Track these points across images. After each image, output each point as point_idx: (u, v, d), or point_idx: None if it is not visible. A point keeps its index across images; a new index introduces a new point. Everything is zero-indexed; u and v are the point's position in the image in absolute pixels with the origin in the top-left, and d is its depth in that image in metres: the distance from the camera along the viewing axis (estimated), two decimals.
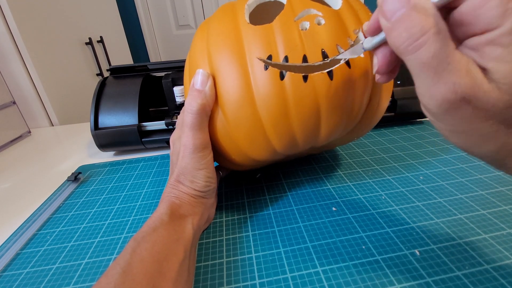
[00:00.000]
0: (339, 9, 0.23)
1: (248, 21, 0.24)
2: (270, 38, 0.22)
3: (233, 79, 0.22)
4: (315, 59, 0.21)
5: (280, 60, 0.21)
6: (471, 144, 0.14)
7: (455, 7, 0.13)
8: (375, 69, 0.18)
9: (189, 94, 0.24)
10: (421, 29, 0.12)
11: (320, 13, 0.22)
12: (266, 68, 0.22)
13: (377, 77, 0.19)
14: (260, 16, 0.27)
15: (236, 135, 0.24)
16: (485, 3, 0.12)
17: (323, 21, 0.22)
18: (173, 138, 0.29)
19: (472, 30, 0.13)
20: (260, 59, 0.22)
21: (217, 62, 0.23)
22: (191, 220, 0.24)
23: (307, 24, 0.22)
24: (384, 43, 0.17)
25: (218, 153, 0.27)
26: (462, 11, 0.13)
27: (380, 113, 0.27)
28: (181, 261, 0.20)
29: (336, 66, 0.21)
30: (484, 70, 0.12)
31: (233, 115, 0.23)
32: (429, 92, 0.13)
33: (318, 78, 0.21)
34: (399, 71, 0.18)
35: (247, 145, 0.24)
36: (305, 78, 0.21)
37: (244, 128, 0.23)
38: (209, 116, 0.25)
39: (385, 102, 0.27)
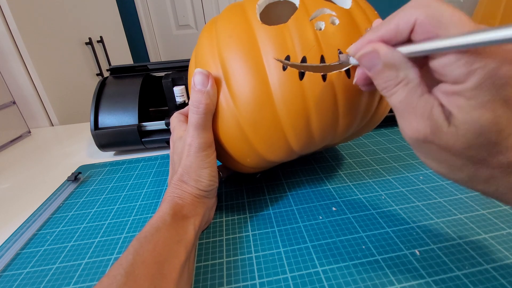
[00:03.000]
0: (350, 8, 0.23)
1: (260, 21, 0.23)
2: (287, 38, 0.22)
3: (250, 80, 0.22)
4: (332, 59, 0.21)
5: (298, 60, 0.21)
6: (444, 171, 0.17)
7: (432, 57, 0.15)
8: (354, 80, 0.20)
9: (192, 94, 0.24)
10: (394, 82, 0.16)
11: (334, 13, 0.22)
12: (284, 69, 0.21)
13: (360, 86, 0.20)
14: (265, 16, 0.27)
15: (253, 137, 0.24)
16: (453, 62, 0.13)
17: (337, 21, 0.22)
18: (173, 138, 0.29)
19: (444, 79, 0.14)
20: (278, 60, 0.22)
21: (231, 64, 0.23)
22: (193, 221, 0.24)
23: (322, 24, 0.22)
24: None
25: (229, 156, 0.27)
26: (435, 64, 0.14)
27: (387, 109, 0.27)
28: (182, 263, 0.20)
29: (352, 64, 0.21)
30: (449, 113, 0.14)
31: (251, 117, 0.23)
32: (401, 128, 0.16)
33: (336, 77, 0.21)
34: None
35: (264, 147, 0.24)
36: (324, 77, 0.21)
37: (262, 129, 0.23)
38: (212, 114, 0.25)
39: None
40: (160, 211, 0.23)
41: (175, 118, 0.29)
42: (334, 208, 0.29)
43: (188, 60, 0.48)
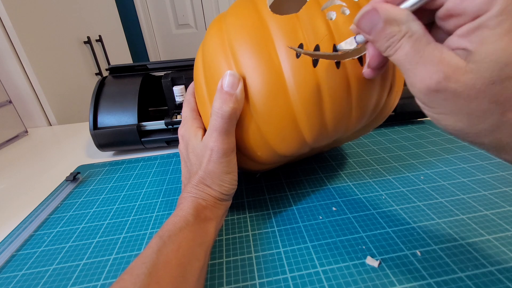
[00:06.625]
0: (359, 0, 0.24)
1: (271, 11, 0.23)
2: (299, 27, 0.22)
3: (264, 69, 0.22)
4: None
5: (311, 49, 0.22)
6: (463, 125, 0.15)
7: (439, 6, 0.14)
8: (367, 61, 0.19)
9: (218, 96, 0.23)
10: (397, 37, 0.15)
11: (344, 4, 0.23)
12: (298, 56, 0.22)
13: (365, 70, 0.20)
14: (275, 11, 0.27)
15: (265, 128, 0.24)
16: None
17: (347, 11, 0.22)
18: (181, 132, 0.28)
19: (462, 20, 0.14)
20: (291, 48, 0.22)
21: (243, 53, 0.23)
22: (215, 224, 0.23)
23: (333, 14, 0.22)
24: None
25: (239, 151, 0.26)
26: (449, 7, 0.14)
27: (395, 103, 0.27)
28: (201, 266, 0.20)
29: (365, 52, 0.22)
30: (467, 53, 0.13)
31: (264, 107, 0.23)
32: (411, 83, 0.15)
33: (350, 64, 0.22)
34: None
35: (277, 138, 0.24)
36: (337, 64, 0.21)
37: (275, 119, 0.23)
38: (237, 120, 0.24)
39: (399, 93, 0.27)
40: (182, 210, 0.23)
41: (189, 110, 0.28)
42: (334, 208, 0.29)
43: (187, 60, 0.48)
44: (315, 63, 0.21)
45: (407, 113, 0.46)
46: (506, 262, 0.22)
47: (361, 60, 0.22)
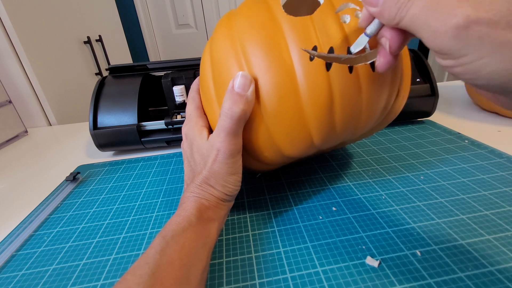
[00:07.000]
0: None
1: (284, 12, 0.23)
2: (313, 29, 0.22)
3: (276, 70, 0.22)
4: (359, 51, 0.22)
5: (325, 51, 0.22)
6: (509, 65, 0.13)
7: None
8: (386, 46, 0.18)
9: (229, 97, 0.22)
10: None
11: (358, 8, 0.22)
12: (311, 59, 0.22)
13: (379, 61, 0.19)
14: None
15: (275, 129, 0.24)
16: None
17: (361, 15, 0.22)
18: (185, 130, 0.28)
19: None
20: (305, 50, 0.22)
21: (255, 55, 0.23)
22: (217, 225, 0.23)
23: (347, 18, 0.22)
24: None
25: (245, 151, 0.26)
26: None
27: (401, 107, 0.28)
28: (204, 267, 0.20)
29: (375, 59, 0.22)
30: None
31: (275, 108, 0.23)
32: (435, 32, 0.14)
33: (362, 69, 0.22)
34: None
35: (286, 139, 0.24)
36: (350, 69, 0.21)
37: (285, 120, 0.23)
38: (245, 122, 0.24)
39: (405, 98, 0.27)
40: (185, 210, 0.22)
41: (194, 108, 0.28)
42: (334, 208, 0.29)
43: (188, 60, 0.48)
44: (328, 66, 0.21)
45: (407, 113, 0.46)
46: (506, 262, 0.22)
47: (373, 65, 0.22)
